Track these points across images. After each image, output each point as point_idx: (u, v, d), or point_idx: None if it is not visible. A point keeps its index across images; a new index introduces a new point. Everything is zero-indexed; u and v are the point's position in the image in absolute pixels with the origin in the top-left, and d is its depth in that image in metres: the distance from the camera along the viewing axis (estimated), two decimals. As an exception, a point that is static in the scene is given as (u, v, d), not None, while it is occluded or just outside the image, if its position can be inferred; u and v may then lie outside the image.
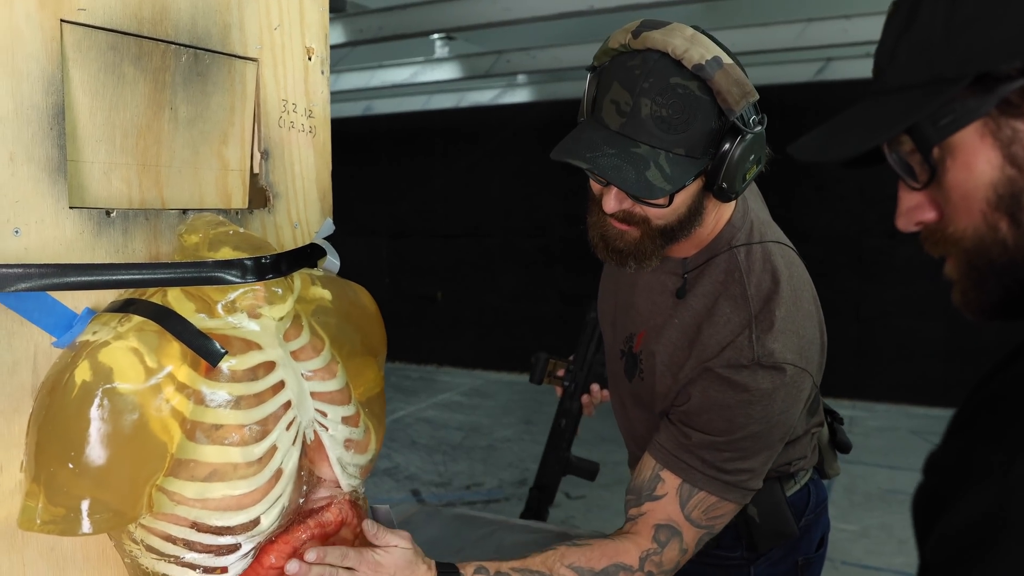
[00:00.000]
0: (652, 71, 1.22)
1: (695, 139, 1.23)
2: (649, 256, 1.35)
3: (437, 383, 8.17)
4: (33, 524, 0.93)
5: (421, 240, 8.90)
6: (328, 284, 1.29)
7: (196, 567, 1.03)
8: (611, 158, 1.23)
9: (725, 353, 1.32)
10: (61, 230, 1.08)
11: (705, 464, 1.31)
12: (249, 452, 1.03)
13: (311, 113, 1.47)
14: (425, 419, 6.80)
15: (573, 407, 1.97)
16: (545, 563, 1.28)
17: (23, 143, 1.04)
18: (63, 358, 1.00)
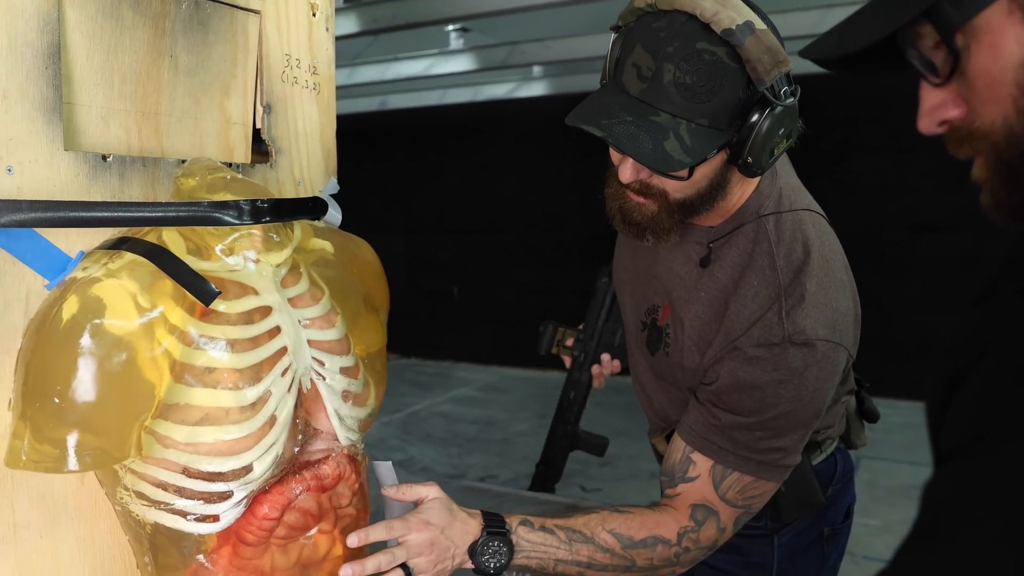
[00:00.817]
0: (677, 34, 1.15)
1: (720, 109, 1.16)
2: (668, 231, 1.30)
3: (453, 378, 8.14)
4: (19, 461, 0.91)
5: (437, 236, 8.88)
6: (330, 236, 1.26)
7: (187, 515, 1.01)
8: (628, 126, 1.17)
9: (754, 331, 1.26)
10: (55, 171, 1.06)
11: (736, 445, 1.27)
12: (242, 397, 1.01)
13: (315, 70, 1.44)
14: (440, 413, 6.77)
15: (583, 378, 1.91)
16: (587, 525, 1.26)
17: (17, 81, 1.02)
18: (52, 294, 0.98)
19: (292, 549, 1.09)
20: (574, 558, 1.25)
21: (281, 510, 1.06)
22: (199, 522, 1.01)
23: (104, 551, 1.11)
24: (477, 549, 1.21)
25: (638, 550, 1.26)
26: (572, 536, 1.25)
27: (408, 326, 9.11)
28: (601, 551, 1.25)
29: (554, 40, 5.63)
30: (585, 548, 1.25)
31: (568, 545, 1.25)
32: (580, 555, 1.25)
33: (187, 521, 1.01)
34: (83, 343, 0.92)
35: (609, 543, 1.25)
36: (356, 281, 1.28)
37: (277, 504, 1.05)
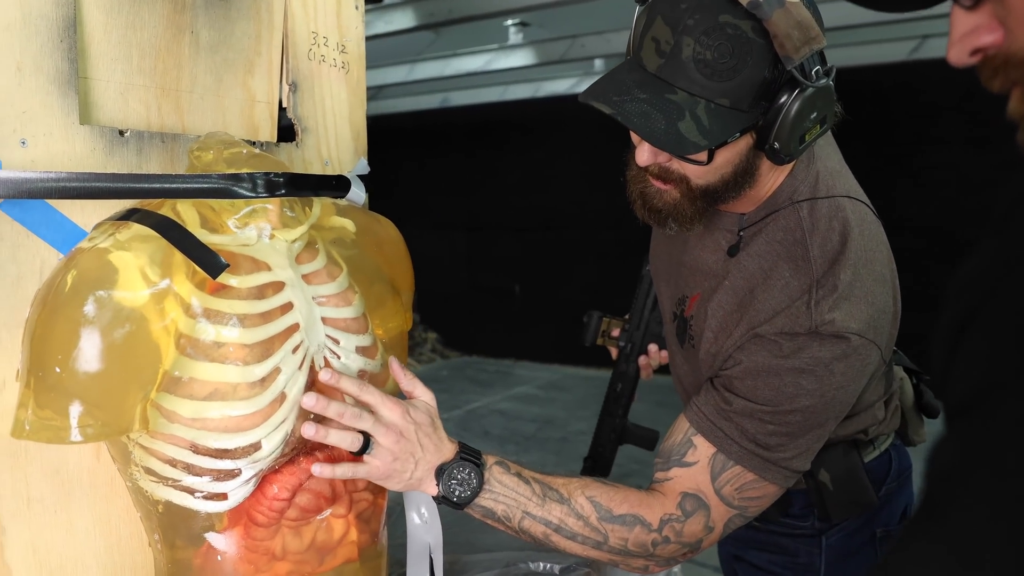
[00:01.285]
0: (700, 6, 1.07)
1: (743, 89, 1.08)
2: (690, 219, 1.22)
3: (513, 376, 8.12)
4: (23, 431, 0.90)
5: (498, 233, 8.87)
6: (353, 215, 1.24)
7: (195, 492, 0.99)
8: (640, 103, 1.10)
9: (778, 319, 1.18)
10: (71, 145, 1.05)
11: (744, 435, 1.17)
12: (250, 372, 0.98)
13: (344, 48, 1.42)
14: (499, 411, 6.76)
15: (630, 370, 1.85)
16: (567, 486, 1.19)
17: (31, 53, 1.02)
18: (59, 264, 0.97)
19: (305, 532, 1.07)
20: (544, 516, 1.17)
21: (292, 491, 1.04)
22: (207, 500, 1.00)
23: (120, 529, 1.10)
24: (446, 471, 1.12)
25: (614, 525, 1.17)
26: (547, 492, 1.17)
27: (469, 324, 9.13)
28: (574, 516, 1.17)
29: (614, 33, 5.56)
30: (558, 508, 1.17)
31: (541, 500, 1.17)
32: (551, 514, 1.17)
33: (195, 499, 0.99)
34: (85, 312, 0.90)
35: (585, 510, 1.17)
36: (378, 262, 1.25)
37: (288, 485, 1.03)
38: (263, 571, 1.05)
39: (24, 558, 1.01)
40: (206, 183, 1.04)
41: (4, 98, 1.00)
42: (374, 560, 1.15)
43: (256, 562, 1.04)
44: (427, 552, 1.22)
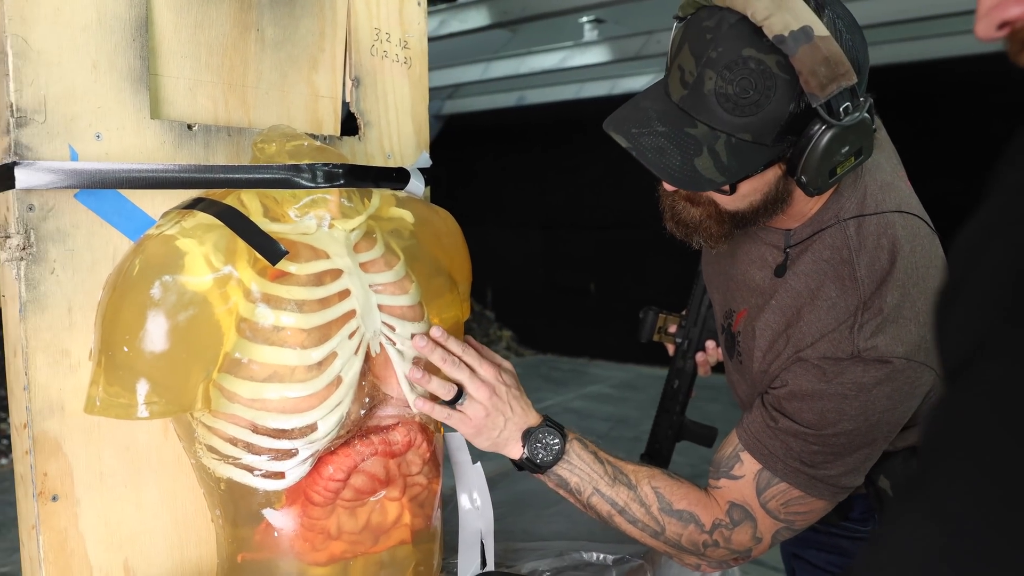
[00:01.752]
0: (724, 37, 1.04)
1: (766, 124, 1.05)
2: (717, 238, 1.21)
3: (587, 375, 8.11)
4: (94, 407, 0.96)
5: (574, 231, 8.87)
6: (412, 206, 1.27)
7: (254, 470, 1.03)
8: (657, 138, 1.09)
9: (821, 344, 1.16)
10: (142, 139, 1.11)
11: (789, 453, 1.17)
12: (307, 356, 1.02)
13: (406, 44, 1.46)
14: (572, 409, 6.76)
15: (687, 366, 1.84)
16: (635, 473, 1.22)
17: (105, 52, 1.08)
18: (128, 251, 1.02)
19: (360, 513, 1.10)
20: (611, 496, 1.21)
21: (347, 472, 1.07)
22: (266, 478, 1.04)
23: (186, 505, 1.15)
24: (533, 434, 1.20)
25: (671, 519, 1.21)
26: (618, 475, 1.21)
27: (544, 322, 9.15)
28: (638, 503, 1.21)
29: (689, 29, 5.51)
30: (625, 492, 1.21)
31: (611, 481, 1.21)
32: (618, 496, 1.21)
33: (254, 477, 1.03)
34: (152, 295, 0.95)
35: (648, 499, 1.21)
36: (436, 252, 1.28)
37: (343, 466, 1.07)
38: (319, 550, 1.08)
39: (96, 529, 1.07)
40: (268, 174, 1.09)
41: (81, 94, 1.05)
42: (427, 543, 1.18)
43: (312, 540, 1.08)
44: (478, 538, 1.25)
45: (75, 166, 1.03)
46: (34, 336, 1.02)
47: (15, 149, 1.01)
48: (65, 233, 1.04)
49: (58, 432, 1.04)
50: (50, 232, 1.03)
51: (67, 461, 1.05)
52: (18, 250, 1.01)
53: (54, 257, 1.03)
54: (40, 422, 1.03)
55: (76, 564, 1.06)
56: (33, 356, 1.02)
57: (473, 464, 1.26)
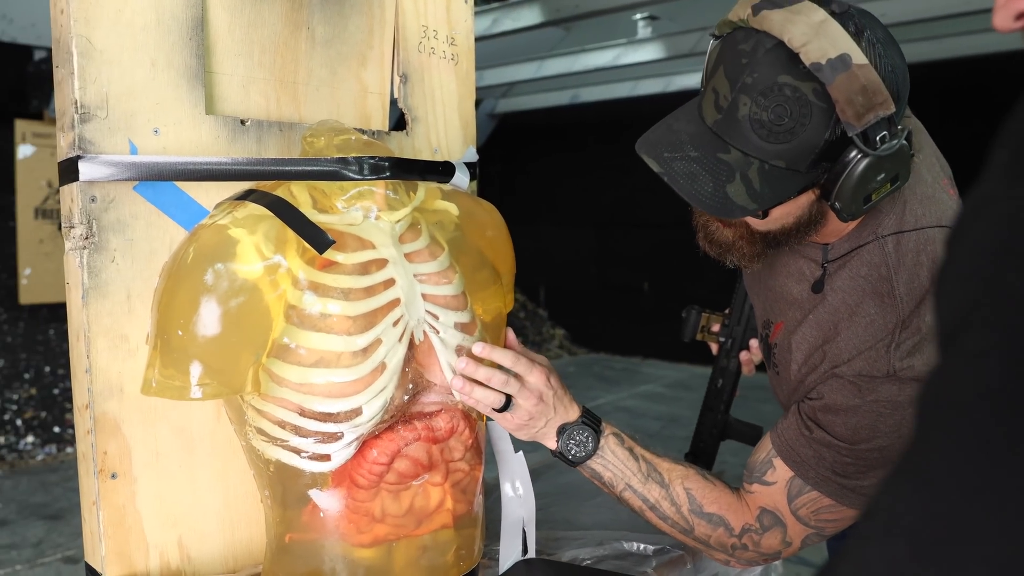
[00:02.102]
0: (760, 63, 1.02)
1: (801, 151, 1.03)
2: (750, 259, 1.21)
3: (640, 374, 8.09)
4: (150, 388, 1.00)
5: (628, 230, 8.84)
6: (457, 199, 1.30)
7: (301, 452, 1.07)
8: (689, 163, 1.08)
9: (856, 361, 1.15)
10: (197, 133, 1.15)
11: (821, 463, 1.16)
12: (353, 343, 1.06)
13: (453, 41, 1.49)
14: (624, 408, 6.75)
15: (730, 366, 1.83)
16: (670, 471, 1.23)
17: (164, 51, 1.12)
18: (183, 239, 1.07)
19: (404, 497, 1.13)
20: (643, 493, 1.23)
21: (390, 456, 1.10)
22: (312, 460, 1.07)
23: (237, 486, 1.20)
24: (567, 430, 1.22)
25: (701, 521, 1.22)
26: (651, 473, 1.23)
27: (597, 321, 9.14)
28: (669, 501, 1.22)
29: (744, 26, 5.47)
30: (657, 490, 1.22)
31: (644, 478, 1.23)
32: (650, 493, 1.22)
33: (301, 458, 1.07)
34: (205, 282, 1.00)
35: (680, 499, 1.22)
36: (480, 244, 1.30)
37: (386, 450, 1.10)
38: (364, 532, 1.12)
39: (152, 506, 1.12)
40: (317, 166, 1.12)
41: (140, 91, 1.10)
42: (469, 529, 1.20)
43: (357, 522, 1.11)
44: (520, 525, 1.27)
45: (134, 159, 1.08)
46: (95, 321, 1.07)
47: (79, 144, 1.06)
48: (125, 223, 1.09)
49: (117, 413, 1.09)
50: (111, 222, 1.08)
51: (126, 441, 1.10)
52: (81, 239, 1.06)
53: (114, 246, 1.08)
54: (101, 403, 1.08)
55: (133, 539, 1.11)
56: (95, 340, 1.07)
57: (515, 453, 1.29)
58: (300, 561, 1.12)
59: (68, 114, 1.07)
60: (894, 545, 0.34)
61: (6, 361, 5.71)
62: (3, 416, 5.39)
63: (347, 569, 1.11)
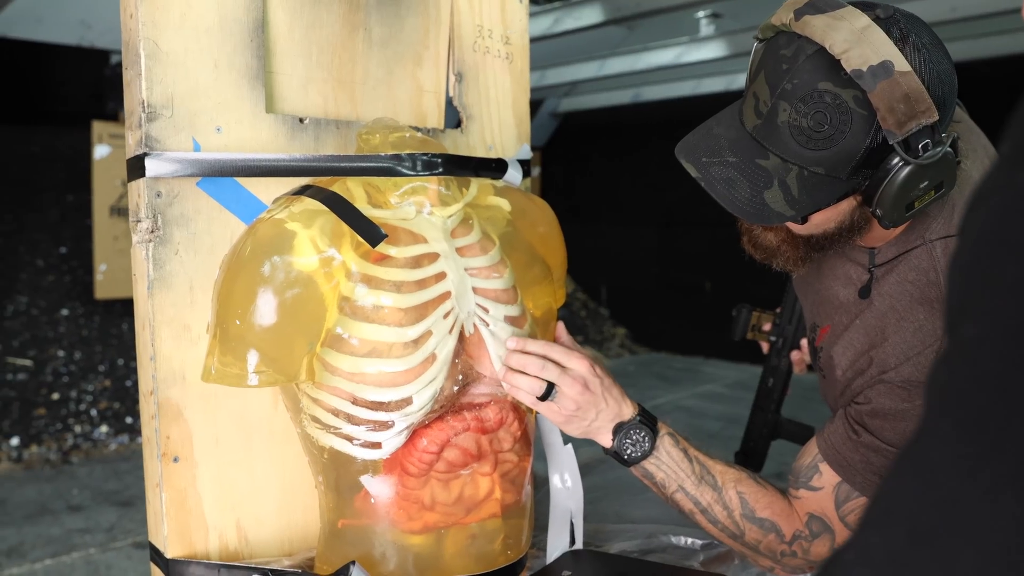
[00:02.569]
0: (800, 70, 1.01)
1: (840, 158, 1.02)
2: (795, 262, 1.21)
3: (701, 374, 8.03)
4: (209, 376, 1.05)
5: (690, 229, 8.78)
6: (509, 195, 1.32)
7: (353, 440, 1.10)
8: (728, 168, 1.08)
9: (904, 367, 1.14)
10: (257, 132, 1.19)
11: (868, 467, 1.15)
12: (404, 334, 1.09)
13: (508, 40, 1.51)
14: (684, 408, 6.71)
15: (781, 364, 1.81)
16: (723, 474, 1.23)
17: (226, 52, 1.17)
18: (242, 233, 1.11)
19: (453, 486, 1.16)
20: (695, 495, 1.22)
21: (440, 445, 1.13)
22: (364, 448, 1.11)
23: (293, 473, 1.24)
24: (623, 429, 1.21)
25: (753, 526, 1.21)
26: (704, 476, 1.22)
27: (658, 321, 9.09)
28: (721, 505, 1.22)
29: (809, 22, 5.40)
30: (710, 493, 1.22)
31: (697, 481, 1.22)
32: (702, 496, 1.22)
33: (354, 446, 1.11)
34: (262, 273, 1.04)
35: (732, 503, 1.22)
36: (532, 240, 1.32)
37: (436, 439, 1.13)
38: (414, 519, 1.15)
39: (212, 490, 1.17)
40: (371, 162, 1.16)
41: (203, 91, 1.15)
42: (517, 519, 1.23)
43: (408, 509, 1.14)
44: (568, 517, 1.29)
45: (198, 156, 1.12)
46: (160, 311, 1.12)
47: (145, 141, 1.11)
48: (188, 218, 1.14)
49: (180, 399, 1.14)
50: (175, 217, 1.13)
51: (187, 426, 1.14)
52: (147, 233, 1.11)
53: (178, 240, 1.13)
54: (164, 390, 1.13)
55: (194, 521, 1.16)
56: (159, 330, 1.12)
57: (564, 446, 1.30)
58: (352, 546, 1.15)
59: (136, 113, 1.12)
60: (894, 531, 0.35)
61: (82, 354, 5.91)
62: (79, 406, 5.59)
63: (398, 555, 1.14)
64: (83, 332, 6.06)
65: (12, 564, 3.67)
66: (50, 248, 6.30)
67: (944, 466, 0.34)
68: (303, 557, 1.23)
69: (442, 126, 1.45)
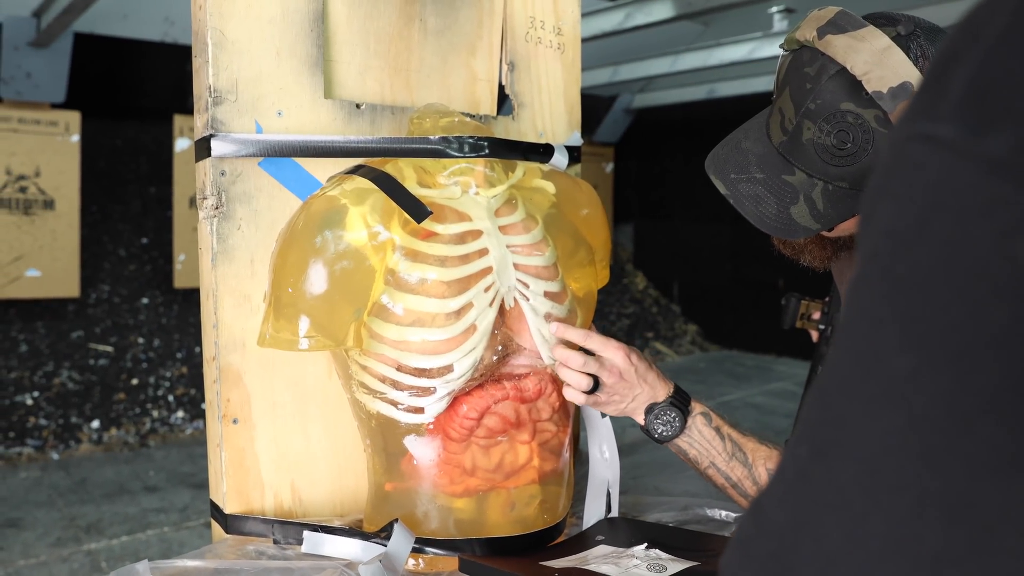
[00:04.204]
0: (823, 90, 1.05)
1: (864, 173, 1.06)
2: (823, 261, 1.26)
3: (772, 372, 7.94)
4: (264, 340, 1.13)
5: (763, 226, 8.68)
6: (555, 179, 1.37)
7: (398, 404, 1.17)
8: (755, 185, 1.13)
9: None
10: (316, 116, 1.27)
11: None
12: (446, 305, 1.15)
13: (560, 31, 1.56)
14: (753, 405, 6.66)
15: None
16: (754, 452, 1.26)
17: (287, 41, 1.25)
18: (298, 208, 1.19)
19: (494, 452, 1.22)
20: (726, 471, 1.26)
21: (480, 412, 1.19)
22: (408, 412, 1.17)
23: (345, 439, 1.31)
24: (654, 409, 1.25)
25: None
26: (735, 453, 1.26)
27: (730, 318, 9.02)
28: (751, 481, 1.25)
29: (886, 16, 5.31)
30: (740, 470, 1.25)
31: (728, 458, 1.26)
32: (733, 472, 1.26)
33: (398, 411, 1.17)
34: (315, 244, 1.12)
35: (762, 479, 1.25)
36: (575, 221, 1.37)
37: (476, 406, 1.19)
38: (456, 483, 1.21)
39: (268, 451, 1.25)
40: (421, 144, 1.22)
41: (266, 77, 1.23)
42: (555, 486, 1.28)
43: (451, 474, 1.20)
44: (605, 486, 1.34)
45: (259, 137, 1.20)
46: (223, 282, 1.20)
47: (211, 124, 1.19)
48: (250, 195, 1.22)
49: (240, 365, 1.22)
50: (238, 194, 1.21)
51: (246, 390, 1.23)
52: (212, 209, 1.20)
53: (240, 215, 1.21)
54: (225, 356, 1.21)
55: (252, 480, 1.24)
56: (221, 299, 1.21)
57: (603, 419, 1.35)
58: (398, 508, 1.22)
59: (203, 98, 1.21)
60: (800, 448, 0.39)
61: (161, 341, 6.15)
62: (157, 392, 5.81)
63: (440, 516, 1.21)
64: (162, 320, 6.30)
65: (91, 539, 3.86)
66: (132, 238, 6.55)
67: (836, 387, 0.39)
68: (353, 519, 1.30)
69: (495, 113, 1.51)
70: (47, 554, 3.70)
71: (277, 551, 1.18)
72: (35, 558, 3.66)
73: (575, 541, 1.27)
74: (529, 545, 1.23)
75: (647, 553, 1.19)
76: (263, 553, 1.17)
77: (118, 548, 3.79)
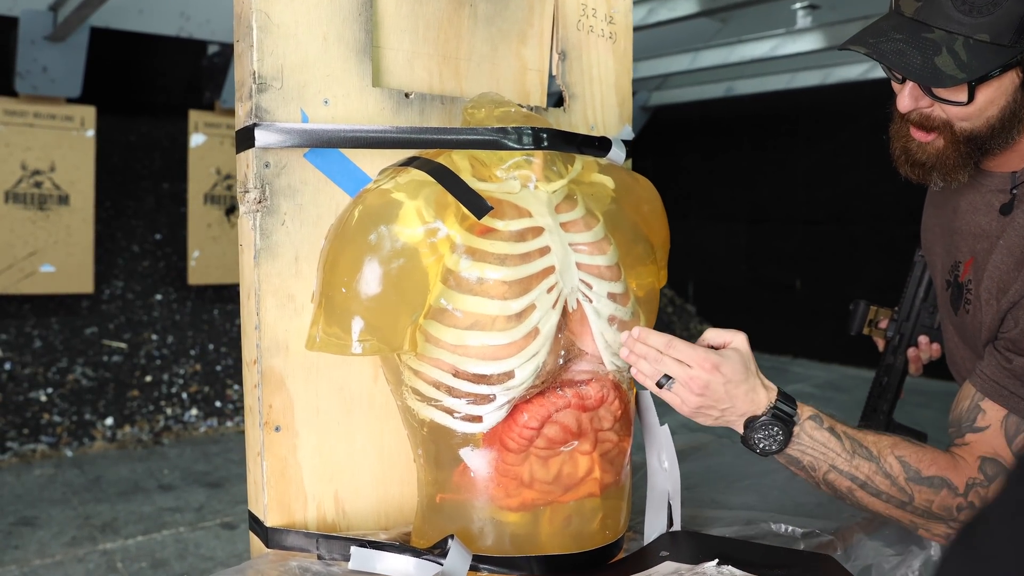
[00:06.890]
0: None
1: (1004, 22, 1.06)
2: (955, 169, 1.20)
3: (789, 374, 7.85)
4: (314, 344, 1.05)
5: (781, 226, 8.59)
6: (613, 173, 1.30)
7: (454, 413, 1.10)
8: (896, 43, 1.12)
9: None
10: (364, 104, 1.20)
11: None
12: (507, 307, 1.08)
13: (612, 19, 1.49)
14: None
15: (897, 362, 1.76)
16: (876, 444, 1.19)
17: (335, 26, 1.18)
18: (349, 203, 1.12)
19: (552, 463, 1.15)
20: (850, 471, 1.18)
21: (541, 421, 1.12)
22: (464, 421, 1.10)
23: (391, 447, 1.24)
24: (754, 424, 1.17)
25: (922, 487, 1.16)
26: (857, 449, 1.18)
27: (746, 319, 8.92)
28: (882, 475, 1.18)
29: (913, 13, 5.22)
30: (866, 465, 1.18)
31: (850, 456, 1.18)
32: (859, 471, 1.18)
33: (454, 419, 1.10)
34: (369, 242, 1.04)
35: (894, 470, 1.17)
36: (635, 219, 1.30)
37: (537, 415, 1.11)
38: (512, 496, 1.14)
39: (311, 460, 1.18)
40: (477, 135, 1.15)
41: (312, 63, 1.16)
42: (615, 499, 1.21)
43: (506, 486, 1.13)
44: (666, 499, 1.26)
45: (305, 127, 1.13)
46: (265, 281, 1.13)
47: (255, 112, 1.12)
48: (295, 189, 1.15)
49: (283, 369, 1.15)
50: (282, 188, 1.14)
51: (289, 396, 1.16)
52: (255, 203, 1.13)
53: (285, 210, 1.14)
54: (268, 359, 1.14)
55: (293, 490, 1.17)
56: (264, 299, 1.13)
57: (661, 426, 1.28)
58: (450, 521, 1.15)
59: (246, 84, 1.14)
60: None
61: (175, 338, 6.09)
62: (170, 389, 5.76)
63: (495, 531, 1.13)
64: (176, 317, 6.24)
65: (106, 539, 3.80)
66: (146, 234, 6.50)
67: None
68: (399, 532, 1.23)
69: (545, 104, 1.43)
70: (62, 553, 3.64)
71: (322, 567, 1.11)
72: (51, 557, 3.60)
73: (637, 558, 1.20)
74: (589, 562, 1.16)
75: (719, 570, 1.11)
76: (307, 570, 1.10)
77: (134, 548, 3.73)
